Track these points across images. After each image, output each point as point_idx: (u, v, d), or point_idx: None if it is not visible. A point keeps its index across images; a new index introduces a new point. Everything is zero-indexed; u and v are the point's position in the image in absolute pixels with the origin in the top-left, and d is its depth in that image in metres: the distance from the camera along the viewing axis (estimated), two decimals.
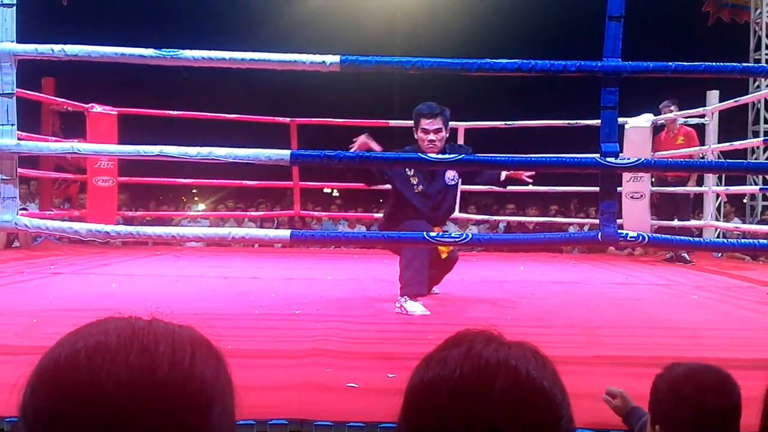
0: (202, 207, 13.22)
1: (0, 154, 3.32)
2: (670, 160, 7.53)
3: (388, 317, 4.27)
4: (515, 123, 8.93)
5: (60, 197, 9.45)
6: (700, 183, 8.38)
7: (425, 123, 4.55)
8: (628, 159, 3.61)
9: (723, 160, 7.68)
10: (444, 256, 4.72)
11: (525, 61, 3.33)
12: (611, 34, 3.28)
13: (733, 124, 10.45)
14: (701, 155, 8.02)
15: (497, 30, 14.49)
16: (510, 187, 5.36)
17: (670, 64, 3.33)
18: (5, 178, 3.30)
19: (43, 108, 8.51)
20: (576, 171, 3.93)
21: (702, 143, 8.10)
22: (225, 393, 0.71)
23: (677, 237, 5.44)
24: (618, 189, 7.43)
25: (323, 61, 3.34)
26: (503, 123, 8.93)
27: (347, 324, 3.87)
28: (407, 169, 4.57)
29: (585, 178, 7.65)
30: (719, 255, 8.55)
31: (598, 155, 3.36)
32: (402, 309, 4.33)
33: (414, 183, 4.61)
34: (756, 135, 11.09)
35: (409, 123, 9.73)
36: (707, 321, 4.35)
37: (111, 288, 5.18)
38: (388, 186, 4.97)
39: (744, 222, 10.35)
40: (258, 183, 9.55)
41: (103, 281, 5.57)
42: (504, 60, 3.33)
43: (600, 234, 3.35)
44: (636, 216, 7.86)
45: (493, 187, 9.27)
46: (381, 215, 10.39)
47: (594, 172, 3.64)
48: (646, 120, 8.08)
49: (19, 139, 3.54)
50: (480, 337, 0.83)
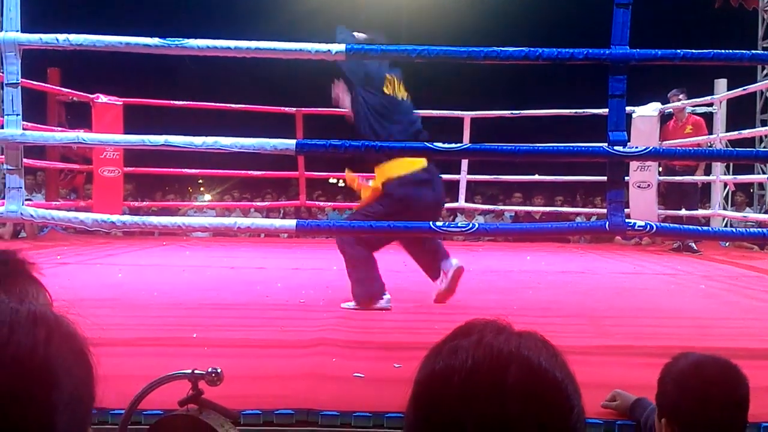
0: (208, 197, 13.23)
1: (5, 144, 3.32)
2: (677, 148, 7.49)
3: (394, 307, 4.26)
4: (522, 112, 8.89)
5: (66, 188, 9.46)
6: (708, 172, 8.33)
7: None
8: (635, 148, 3.59)
9: (731, 148, 7.64)
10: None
11: (532, 49, 3.29)
12: (619, 21, 3.24)
13: (742, 112, 10.38)
14: (709, 144, 7.97)
15: (504, 18, 14.42)
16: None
17: (678, 51, 3.30)
18: (11, 168, 3.30)
19: (49, 98, 8.52)
20: (584, 160, 3.91)
21: (710, 132, 8.05)
22: (68, 369, 0.66)
23: (685, 226, 5.43)
24: (625, 178, 7.40)
25: (329, 50, 3.32)
26: (510, 112, 8.89)
27: (353, 314, 3.87)
28: None
29: (591, 167, 7.63)
30: (727, 244, 8.52)
31: (605, 144, 3.34)
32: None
33: None
34: (764, 123, 11.00)
35: (416, 112, 9.70)
36: (714, 310, 4.33)
37: (117, 278, 5.19)
38: None
39: (752, 211, 10.29)
40: (264, 173, 9.54)
41: (110, 271, 5.58)
42: (511, 48, 3.30)
43: (608, 223, 3.32)
44: (643, 205, 7.83)
45: (499, 177, 9.30)
46: None
47: (601, 161, 3.61)
48: (653, 109, 8.04)
49: (25, 130, 3.53)
50: (490, 327, 0.82)
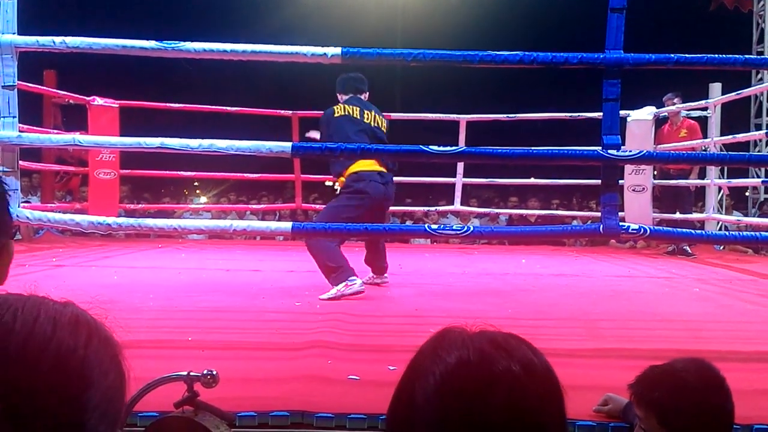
0: (203, 200, 13.22)
1: (1, 146, 3.32)
2: (670, 152, 7.53)
3: (389, 309, 4.27)
4: (517, 116, 8.90)
5: (62, 190, 9.45)
6: (702, 176, 8.37)
7: None
8: (629, 151, 3.61)
9: (725, 152, 7.67)
10: None
11: (527, 53, 3.32)
12: (613, 26, 3.27)
13: (736, 116, 10.41)
14: (703, 148, 8.01)
15: (499, 23, 14.46)
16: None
17: (672, 56, 3.32)
18: (6, 170, 3.30)
19: (45, 101, 8.50)
20: (578, 163, 3.92)
21: (705, 136, 8.09)
22: (99, 369, 0.67)
23: (679, 229, 5.44)
24: (620, 182, 7.42)
25: (324, 53, 3.34)
26: (505, 116, 8.90)
27: (348, 316, 3.88)
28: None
29: (587, 171, 7.65)
30: (721, 248, 8.55)
31: (599, 148, 3.36)
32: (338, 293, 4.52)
33: None
34: (758, 128, 11.06)
35: (412, 116, 9.75)
36: (709, 314, 4.35)
37: (112, 280, 5.19)
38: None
39: (746, 215, 10.32)
40: (260, 176, 9.54)
41: (105, 273, 5.58)
42: (506, 52, 3.32)
43: (602, 226, 3.34)
44: (638, 209, 7.85)
45: (495, 180, 9.32)
46: None
47: (596, 164, 3.63)
48: (648, 113, 8.07)
49: (21, 132, 3.54)
50: (474, 336, 0.87)
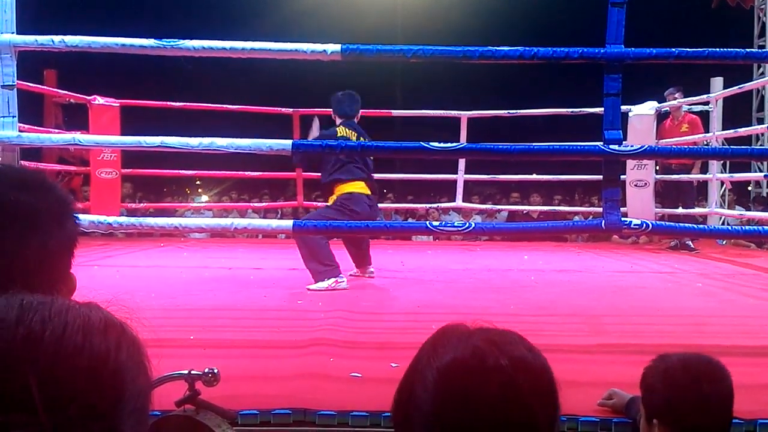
0: (205, 198, 13.23)
1: (2, 146, 3.32)
2: (672, 147, 7.50)
3: (391, 307, 4.27)
4: (518, 111, 8.89)
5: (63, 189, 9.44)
6: (704, 170, 8.35)
7: None
8: (630, 146, 3.59)
9: (727, 146, 7.65)
10: None
11: (527, 49, 3.30)
12: (614, 20, 3.26)
13: (738, 110, 10.40)
14: (705, 142, 7.99)
15: (499, 18, 14.44)
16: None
17: (673, 50, 3.31)
18: None
19: (46, 100, 8.51)
20: (579, 159, 3.93)
21: (706, 130, 8.07)
22: (129, 375, 0.65)
23: (681, 224, 5.44)
24: (622, 177, 7.41)
25: (324, 50, 3.33)
26: (506, 112, 8.89)
27: (350, 314, 3.87)
28: None
29: (590, 166, 7.63)
30: (724, 242, 8.53)
31: (601, 143, 3.35)
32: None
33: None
34: (760, 122, 11.04)
35: (413, 112, 9.74)
36: (712, 308, 4.34)
37: (114, 279, 5.19)
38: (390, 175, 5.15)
39: (748, 209, 10.30)
40: (261, 174, 9.54)
41: (107, 273, 5.58)
42: (506, 47, 3.31)
43: (604, 222, 3.33)
44: (640, 204, 7.84)
45: (497, 176, 9.32)
46: (384, 206, 10.42)
47: (597, 160, 3.62)
48: (649, 108, 8.05)
49: (21, 131, 3.54)
50: (473, 333, 0.87)
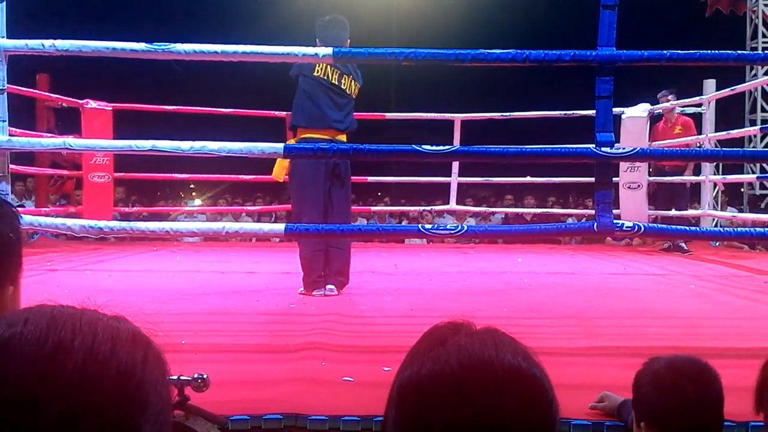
0: (198, 202, 13.20)
1: None
2: (664, 149, 7.52)
3: (384, 310, 4.25)
4: (511, 114, 8.90)
5: (56, 194, 9.41)
6: (697, 172, 8.36)
7: None
8: (623, 148, 3.60)
9: (720, 148, 7.67)
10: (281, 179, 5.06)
11: (519, 51, 3.31)
12: (605, 23, 3.26)
13: (730, 112, 10.44)
14: (698, 144, 8.00)
15: (493, 22, 14.46)
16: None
17: (665, 52, 3.32)
18: None
19: (38, 104, 8.48)
20: (571, 161, 3.92)
21: (699, 132, 8.09)
22: (154, 389, 0.65)
23: (674, 226, 5.45)
24: (615, 180, 7.42)
25: (316, 53, 3.33)
26: (499, 114, 8.90)
27: (343, 317, 3.86)
28: None
29: (583, 169, 7.64)
30: (717, 244, 8.55)
31: (593, 145, 3.35)
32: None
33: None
34: (753, 123, 11.08)
35: (406, 115, 9.75)
36: (705, 310, 4.34)
37: (107, 284, 5.17)
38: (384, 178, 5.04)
39: (741, 211, 10.33)
40: (255, 177, 9.52)
41: (99, 277, 5.56)
42: (498, 50, 3.31)
43: (596, 224, 3.34)
44: (633, 206, 7.85)
45: (491, 179, 9.32)
46: (378, 209, 10.42)
47: (590, 162, 3.62)
48: (642, 110, 8.06)
49: (13, 135, 3.52)
50: (460, 330, 0.83)
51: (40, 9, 8.99)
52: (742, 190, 11.89)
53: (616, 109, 3.89)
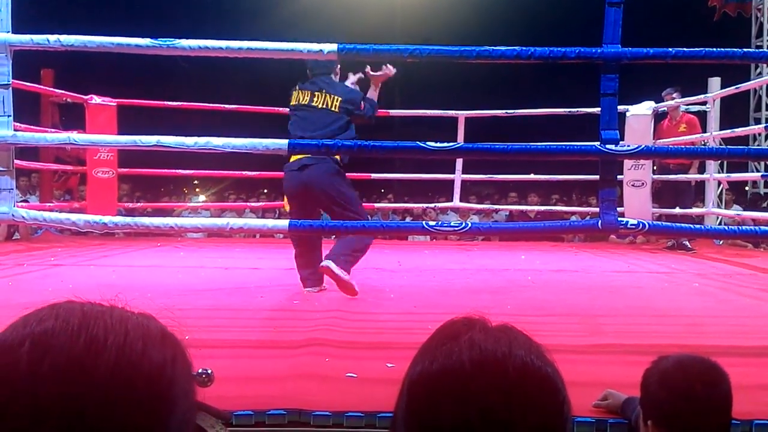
0: (202, 198, 13.21)
1: None
2: (668, 146, 7.50)
3: (387, 307, 4.26)
4: (516, 111, 8.88)
5: (60, 189, 9.43)
6: (701, 170, 8.35)
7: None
8: (628, 146, 3.59)
9: (724, 146, 7.65)
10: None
11: (524, 48, 3.30)
12: (611, 20, 3.25)
13: (735, 110, 10.40)
14: (703, 142, 7.99)
15: (498, 19, 14.44)
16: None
17: (670, 50, 3.31)
18: (1, 169, 3.29)
19: (43, 100, 8.49)
20: (576, 158, 3.92)
21: (704, 130, 8.07)
22: (182, 388, 0.65)
23: (678, 224, 5.44)
24: (619, 177, 7.40)
25: (321, 50, 3.32)
26: (504, 111, 8.88)
27: (346, 314, 3.86)
28: None
29: (588, 166, 7.63)
30: (721, 242, 8.53)
31: (598, 143, 3.34)
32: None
33: None
34: (758, 122, 11.05)
35: (410, 112, 9.75)
36: (708, 308, 4.34)
37: (110, 279, 5.18)
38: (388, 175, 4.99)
39: (745, 209, 10.31)
40: (259, 173, 9.53)
41: (103, 273, 5.57)
42: (503, 47, 3.30)
43: (600, 222, 3.33)
44: (637, 204, 7.83)
45: (494, 176, 9.31)
46: (382, 205, 10.42)
47: (594, 159, 3.62)
48: (647, 108, 8.04)
49: (17, 131, 3.52)
50: (474, 326, 0.83)
51: (44, 5, 8.98)
52: (746, 188, 11.87)
53: (620, 107, 3.88)
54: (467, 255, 7.60)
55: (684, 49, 3.31)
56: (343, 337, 3.29)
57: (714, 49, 3.36)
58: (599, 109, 3.38)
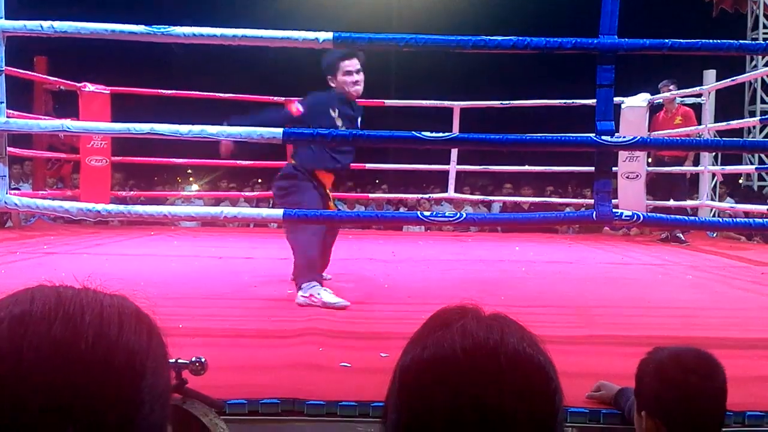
0: (196, 187, 13.18)
1: None
2: (663, 138, 7.50)
3: (381, 297, 4.26)
4: (511, 102, 8.86)
5: (53, 177, 9.40)
6: (696, 163, 8.36)
7: (347, 65, 4.14)
8: (623, 137, 3.58)
9: (719, 139, 7.66)
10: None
11: (520, 38, 3.28)
12: (607, 10, 3.24)
13: (730, 103, 10.42)
14: (698, 135, 7.99)
15: (494, 9, 14.40)
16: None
17: (666, 41, 3.29)
18: None
19: (36, 87, 8.44)
20: (571, 150, 3.91)
21: (699, 123, 8.07)
22: (157, 366, 0.67)
23: (672, 216, 5.44)
24: (614, 169, 7.40)
25: (316, 38, 3.30)
26: (499, 102, 8.87)
27: None
28: (332, 112, 4.14)
29: (582, 158, 7.63)
30: (714, 235, 8.56)
31: (593, 134, 3.34)
32: (314, 299, 3.83)
33: (339, 125, 4.16)
34: (753, 114, 11.07)
35: (405, 102, 9.71)
36: (701, 301, 4.35)
37: (104, 268, 5.16)
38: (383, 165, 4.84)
39: (738, 202, 10.34)
40: (253, 162, 9.50)
41: (97, 261, 5.55)
42: (499, 37, 3.29)
43: (595, 213, 3.33)
44: (632, 196, 7.84)
45: (489, 167, 9.31)
46: (376, 196, 10.41)
47: (590, 151, 3.61)
48: (642, 99, 8.04)
49: (9, 118, 3.50)
50: (466, 314, 0.82)
51: None
52: (740, 181, 11.90)
53: (615, 99, 3.87)
54: (461, 246, 7.60)
55: (680, 41, 3.30)
56: (337, 327, 3.29)
57: (710, 41, 3.35)
58: (595, 101, 3.37)
